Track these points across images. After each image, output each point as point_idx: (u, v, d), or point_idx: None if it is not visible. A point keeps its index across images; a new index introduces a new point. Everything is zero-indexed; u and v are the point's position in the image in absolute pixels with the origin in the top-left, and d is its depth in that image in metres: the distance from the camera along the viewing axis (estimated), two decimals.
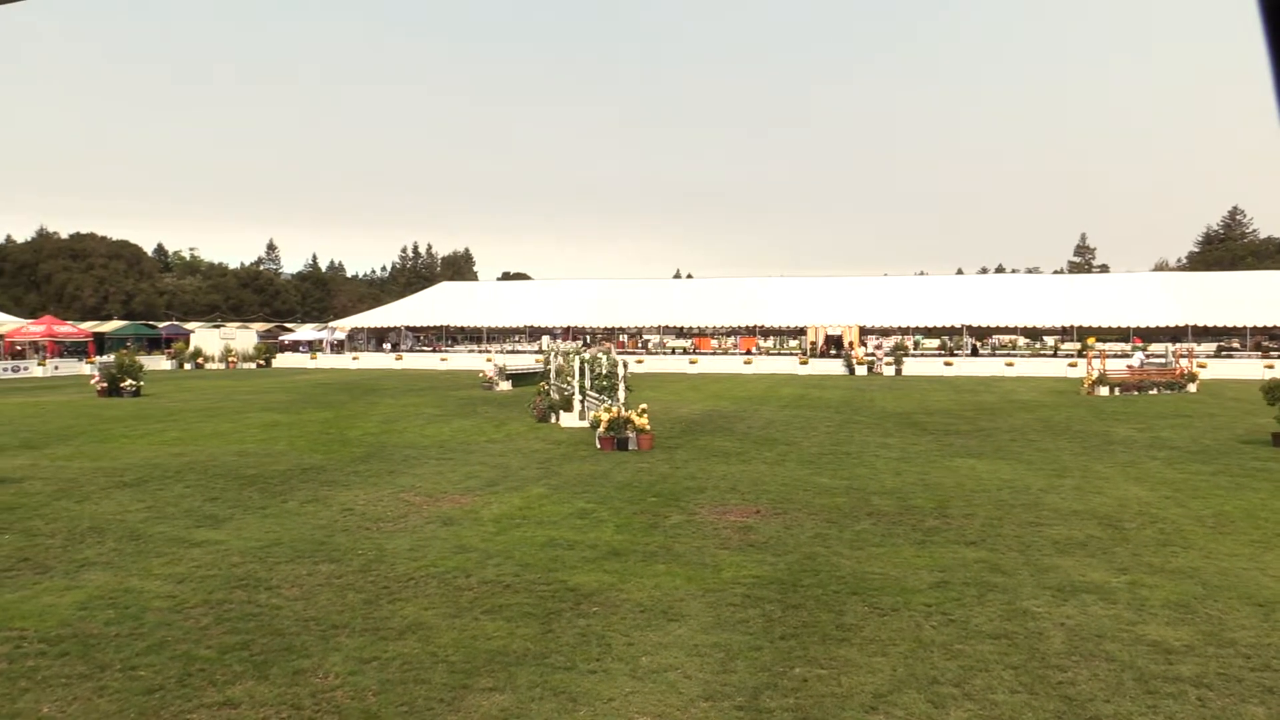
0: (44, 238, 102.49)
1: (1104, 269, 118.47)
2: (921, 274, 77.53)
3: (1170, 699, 5.54)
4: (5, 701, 5.64)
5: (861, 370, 50.20)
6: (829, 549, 9.51)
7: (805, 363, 53.54)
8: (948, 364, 51.69)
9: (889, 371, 50.13)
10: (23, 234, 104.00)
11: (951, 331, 61.87)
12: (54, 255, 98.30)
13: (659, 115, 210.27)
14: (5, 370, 51.25)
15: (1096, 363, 35.20)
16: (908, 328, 61.10)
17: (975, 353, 59.13)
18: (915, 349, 65.15)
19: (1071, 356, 51.27)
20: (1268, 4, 1.04)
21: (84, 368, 51.68)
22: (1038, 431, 20.76)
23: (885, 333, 62.83)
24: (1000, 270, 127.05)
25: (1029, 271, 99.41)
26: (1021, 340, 76.42)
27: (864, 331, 58.44)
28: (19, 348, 61.06)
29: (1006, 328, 61.45)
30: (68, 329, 64.79)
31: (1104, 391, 32.96)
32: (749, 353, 60.65)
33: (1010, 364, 50.75)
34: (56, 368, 54.45)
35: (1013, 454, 16.87)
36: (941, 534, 10.20)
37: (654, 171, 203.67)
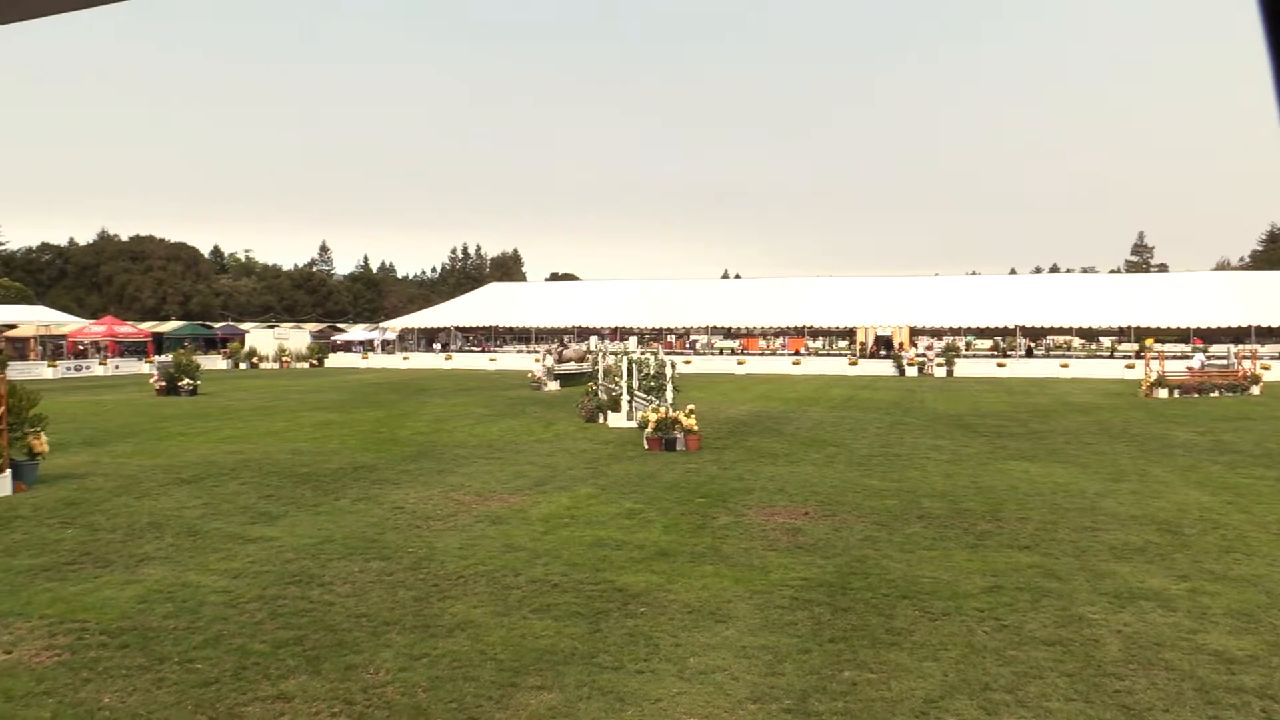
0: (105, 240, 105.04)
1: (1163, 268, 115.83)
2: (973, 274, 76.47)
3: (1233, 710, 5.40)
4: (68, 691, 5.80)
5: (912, 371, 49.66)
6: (879, 552, 9.42)
7: (854, 364, 53.10)
8: (1000, 365, 50.91)
9: (940, 373, 49.52)
10: (85, 237, 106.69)
11: (1004, 332, 60.90)
12: (114, 257, 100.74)
13: (706, 116, 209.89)
14: (68, 369, 52.69)
15: (1155, 364, 34.43)
16: (959, 328, 60.30)
17: (1029, 354, 58.12)
18: (967, 350, 64.25)
19: (1129, 358, 50.19)
20: (1268, 4, 1.02)
21: (143, 367, 52.89)
22: (1093, 434, 20.36)
23: (936, 333, 62.02)
24: (1055, 270, 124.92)
25: (1084, 271, 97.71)
26: (1077, 341, 74.97)
27: (914, 332, 57.78)
28: (81, 347, 62.76)
29: (1061, 328, 60.39)
30: (128, 329, 66.41)
31: (1163, 394, 32.22)
32: (797, 353, 60.26)
33: (1065, 365, 49.83)
34: (117, 367, 55.83)
35: (1067, 457, 16.56)
36: (994, 538, 10.05)
37: (701, 172, 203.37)
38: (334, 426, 22.17)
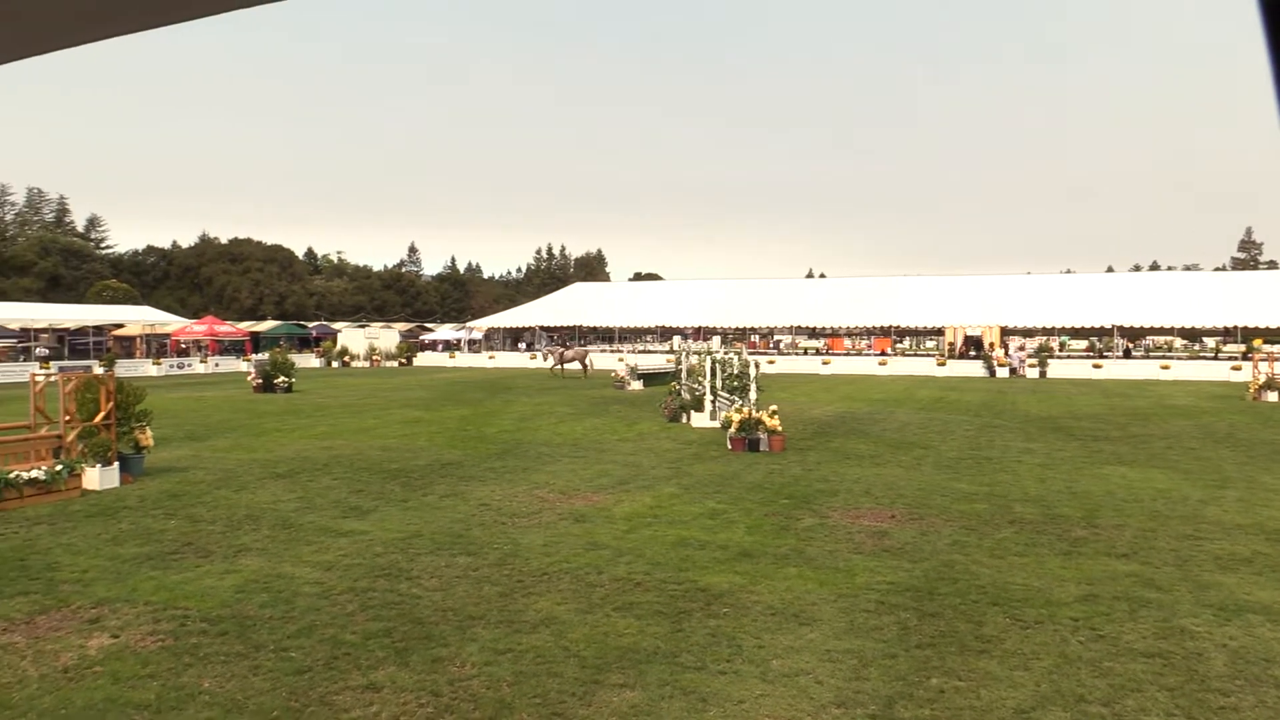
0: (206, 243, 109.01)
1: (1272, 265, 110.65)
2: (1068, 272, 74.22)
3: None
4: (171, 675, 6.04)
5: (1003, 372, 48.37)
6: (968, 557, 9.21)
7: (943, 364, 52.00)
8: (1096, 366, 49.26)
9: (1032, 374, 48.15)
10: (187, 239, 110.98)
11: (1100, 333, 58.81)
12: (215, 259, 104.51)
13: (790, 115, 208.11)
14: (172, 367, 54.87)
15: (1264, 366, 32.88)
16: (1053, 328, 58.52)
17: (1127, 355, 56.10)
18: (1061, 350, 62.35)
19: (1235, 359, 48.07)
20: (1268, 4, 0.98)
21: (241, 365, 54.76)
22: (1196, 439, 19.55)
23: (1028, 333, 60.33)
24: (1155, 268, 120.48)
25: (1187, 269, 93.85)
26: (1178, 342, 72.16)
27: (1005, 332, 56.26)
28: (184, 346, 65.25)
29: (1161, 328, 58.07)
30: (227, 329, 68.77)
31: (1272, 397, 30.75)
32: (883, 354, 59.29)
33: (1166, 367, 47.96)
34: (217, 365, 57.85)
35: (1168, 462, 15.94)
36: (1089, 545, 9.73)
37: (786, 171, 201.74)
38: (422, 424, 22.62)
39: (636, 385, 36.80)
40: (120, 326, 65.04)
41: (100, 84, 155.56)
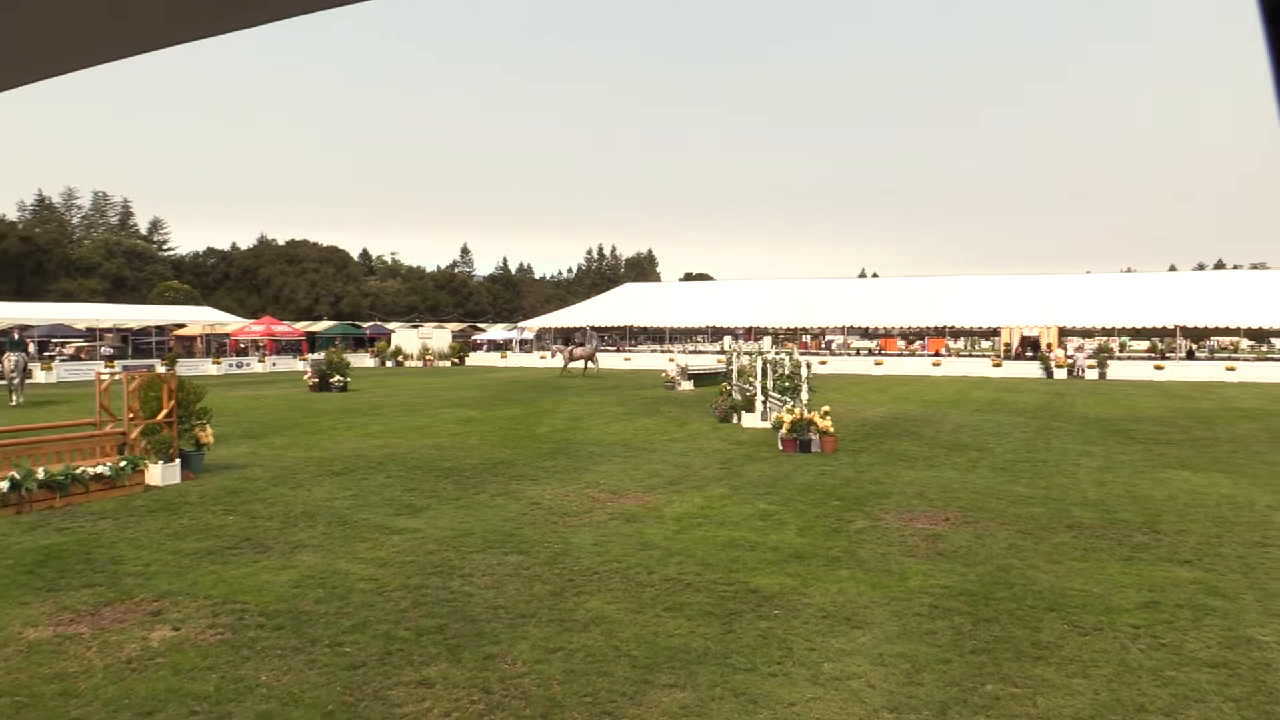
0: (264, 245, 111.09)
1: None
2: (1129, 271, 72.54)
3: None
4: (229, 668, 6.17)
5: (1061, 373, 47.46)
6: (1024, 561, 9.05)
7: (999, 365, 51.16)
8: (1158, 368, 48.12)
9: (1092, 375, 47.17)
10: (245, 241, 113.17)
11: (1162, 333, 57.43)
12: (272, 260, 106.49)
13: (844, 114, 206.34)
14: (231, 366, 56.01)
15: None
16: (1112, 329, 57.25)
17: (1190, 356, 54.71)
18: (1121, 351, 61.00)
19: None
20: (1268, 4, 0.95)
21: (298, 364, 55.70)
22: (1265, 443, 18.99)
23: (1087, 334, 59.08)
24: (1220, 266, 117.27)
25: (1254, 267, 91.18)
26: (1245, 343, 70.17)
27: (1063, 333, 55.20)
28: (242, 345, 66.57)
29: (1227, 329, 56.48)
30: (284, 328, 69.98)
31: None
32: (937, 354, 58.50)
33: (1232, 368, 46.65)
34: (274, 364, 58.91)
35: (1234, 466, 15.50)
36: (1151, 550, 9.50)
37: (837, 170, 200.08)
38: (474, 423, 22.82)
39: (687, 385, 36.76)
40: (181, 326, 66.57)
41: (162, 91, 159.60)
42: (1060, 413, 26.17)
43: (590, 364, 47.76)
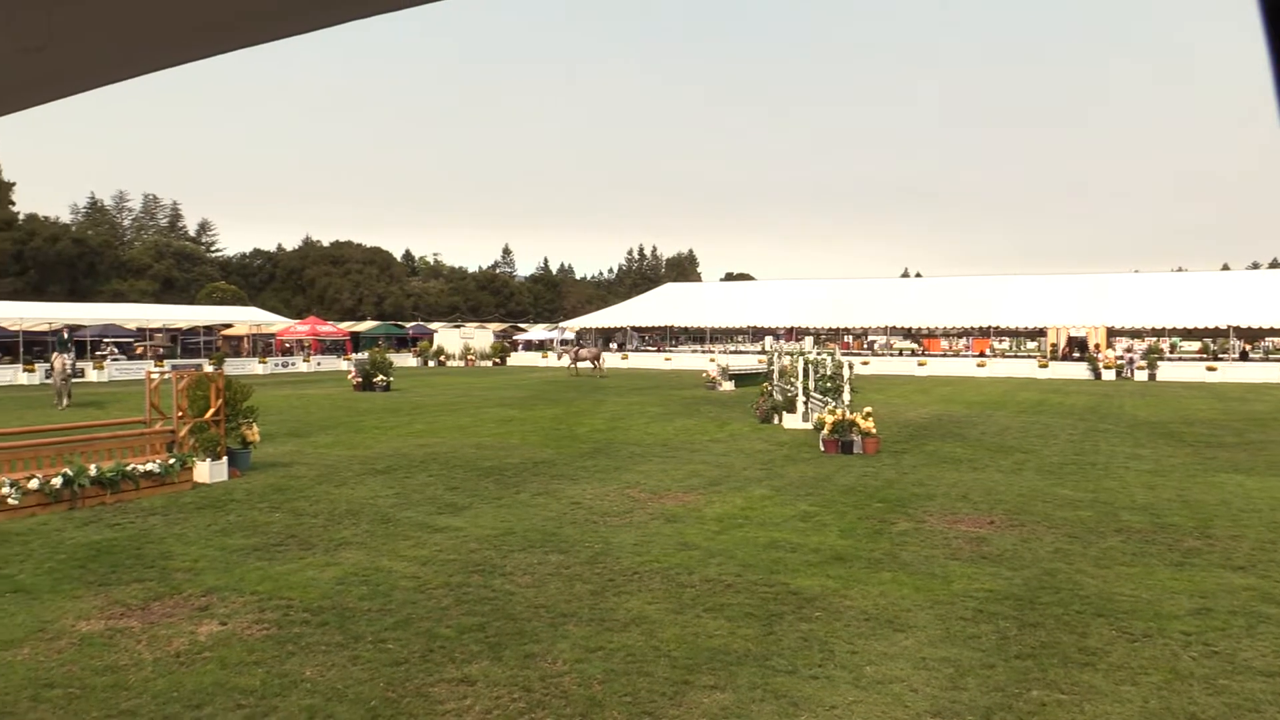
0: (309, 246, 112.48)
1: None
2: (1179, 270, 71.14)
3: None
4: (275, 662, 6.25)
5: (1109, 374, 46.64)
6: (1071, 566, 8.90)
7: (1045, 366, 50.41)
8: (1211, 369, 47.10)
9: (1141, 376, 46.30)
10: (291, 243, 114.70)
11: (1215, 334, 56.14)
12: (317, 261, 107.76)
13: (883, 114, 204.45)
14: (276, 365, 56.86)
15: None
16: (1163, 329, 56.13)
17: (1244, 357, 53.42)
18: (1172, 352, 59.79)
19: None
20: (1268, 4, 0.92)
21: (342, 364, 56.41)
22: None
23: (1136, 334, 57.97)
24: (1275, 265, 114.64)
25: None
26: None
27: (1112, 333, 54.23)
28: (288, 345, 67.51)
29: None
30: (328, 329, 70.85)
31: None
32: (982, 355, 57.75)
33: None
34: (319, 364, 59.70)
35: None
36: (1203, 556, 9.30)
37: (879, 169, 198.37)
38: (515, 423, 22.94)
39: (728, 386, 36.67)
40: (229, 326, 67.60)
41: (210, 98, 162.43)
42: (1108, 415, 25.72)
43: (595, 364, 48.60)
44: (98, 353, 52.58)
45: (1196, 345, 66.82)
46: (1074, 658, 6.36)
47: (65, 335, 50.58)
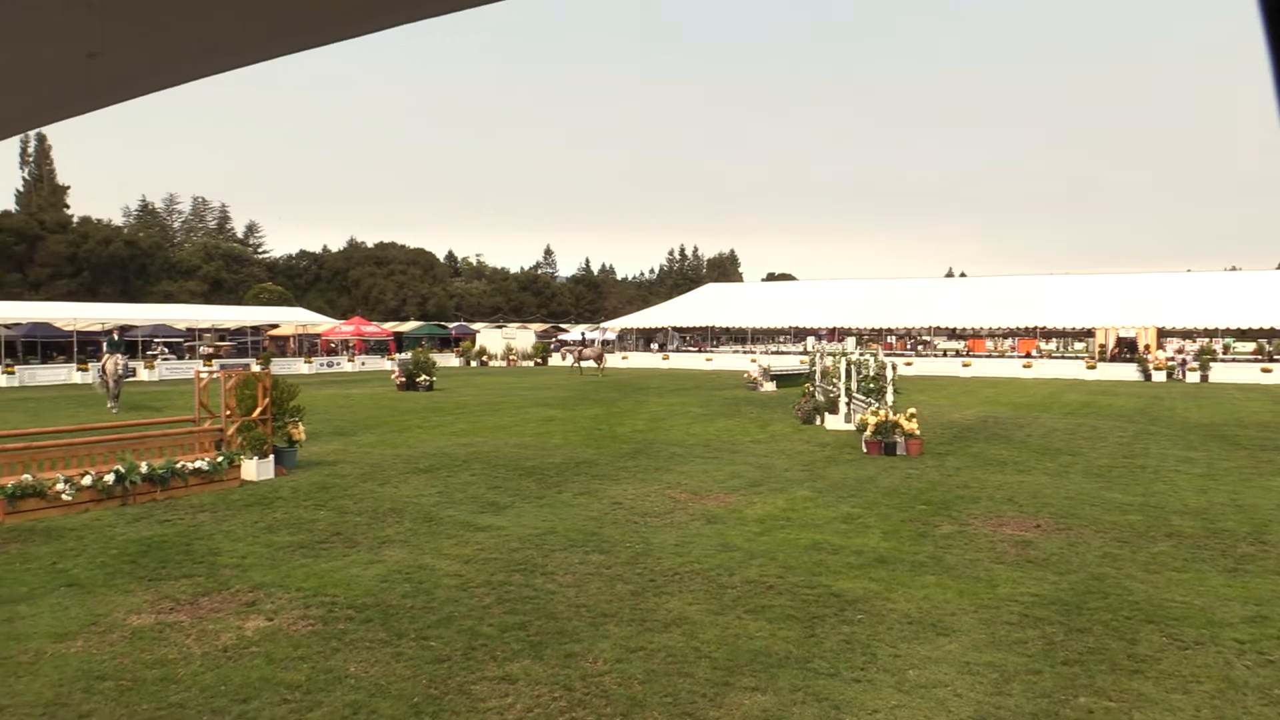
0: (353, 247, 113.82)
1: None
2: (1233, 269, 69.55)
3: None
4: (320, 658, 6.33)
5: (1159, 376, 45.75)
6: (1120, 571, 8.74)
7: (1093, 367, 49.57)
8: (1265, 370, 46.01)
9: (1193, 378, 45.36)
10: (336, 244, 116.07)
11: (1270, 334, 54.86)
12: (361, 262, 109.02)
13: (926, 114, 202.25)
14: (321, 365, 57.60)
15: None
16: (1215, 329, 54.95)
17: None
18: (1225, 353, 58.49)
19: None
20: (1268, 4, 0.90)
21: (386, 364, 56.97)
22: None
23: (1188, 335, 56.79)
24: None
25: None
26: None
27: (1162, 334, 53.18)
28: (333, 345, 68.37)
29: None
30: (372, 329, 71.65)
31: None
32: (1028, 356, 56.92)
33: None
34: (363, 363, 60.37)
35: None
36: (1258, 562, 9.08)
37: (924, 169, 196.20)
38: (556, 422, 23.03)
39: (770, 386, 36.51)
40: (275, 327, 68.66)
41: (258, 101, 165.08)
42: (1159, 417, 25.22)
43: (598, 364, 49.51)
44: (149, 352, 53.65)
45: (1251, 346, 65.31)
46: (1123, 665, 6.25)
47: (116, 336, 51.63)
